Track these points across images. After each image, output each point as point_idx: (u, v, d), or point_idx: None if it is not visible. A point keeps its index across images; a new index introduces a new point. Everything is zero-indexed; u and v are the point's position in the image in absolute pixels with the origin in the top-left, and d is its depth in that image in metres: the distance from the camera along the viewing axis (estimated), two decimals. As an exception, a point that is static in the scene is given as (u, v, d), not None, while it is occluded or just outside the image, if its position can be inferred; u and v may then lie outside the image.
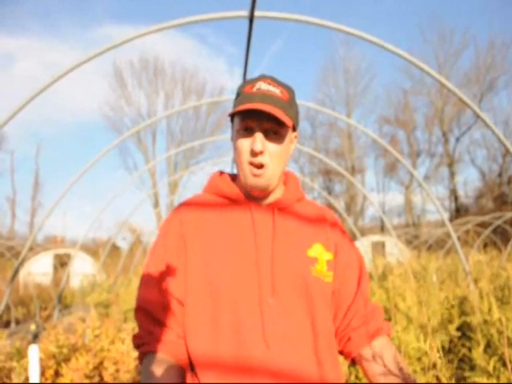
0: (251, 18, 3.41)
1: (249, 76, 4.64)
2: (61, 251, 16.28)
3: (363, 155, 32.27)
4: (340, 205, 29.28)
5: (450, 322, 4.13)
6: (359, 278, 1.32)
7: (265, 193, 1.27)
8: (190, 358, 1.17)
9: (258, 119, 1.19)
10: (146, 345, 1.19)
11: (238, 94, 1.26)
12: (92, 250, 20.31)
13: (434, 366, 2.91)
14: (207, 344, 1.14)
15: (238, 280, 1.16)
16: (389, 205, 34.35)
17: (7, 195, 31.99)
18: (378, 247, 12.72)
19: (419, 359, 2.79)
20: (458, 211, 28.14)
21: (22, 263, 5.74)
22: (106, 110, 32.29)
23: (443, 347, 3.73)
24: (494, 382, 1.80)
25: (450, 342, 3.95)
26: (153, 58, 31.76)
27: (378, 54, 37.07)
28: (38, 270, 14.75)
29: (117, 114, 30.76)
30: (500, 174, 28.01)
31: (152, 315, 1.21)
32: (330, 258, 1.26)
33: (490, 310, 3.03)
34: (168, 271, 1.22)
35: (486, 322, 3.05)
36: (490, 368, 2.08)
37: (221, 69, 44.42)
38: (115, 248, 20.95)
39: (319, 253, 1.25)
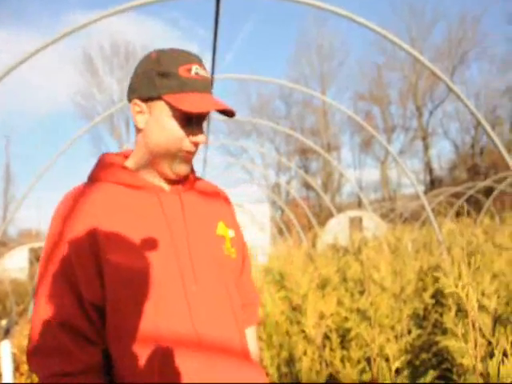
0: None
1: (218, 59, 4.54)
2: (36, 245, 15.98)
3: (339, 132, 32.44)
4: (317, 183, 29.47)
5: (424, 290, 4.20)
6: (244, 255, 1.40)
7: (181, 177, 1.25)
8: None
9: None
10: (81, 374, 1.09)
11: (168, 74, 1.14)
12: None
13: (409, 332, 2.97)
14: (138, 342, 1.10)
15: (160, 272, 1.13)
16: (365, 180, 34.79)
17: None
18: (356, 222, 12.84)
19: (392, 327, 2.83)
20: (433, 183, 28.62)
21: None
22: (77, 98, 31.54)
23: (418, 315, 3.80)
24: (462, 344, 1.82)
25: (425, 309, 4.02)
26: (124, 43, 31.07)
27: (352, 31, 36.99)
28: (14, 265, 14.47)
29: (89, 102, 30.09)
30: (472, 146, 28.53)
31: (78, 330, 1.10)
32: (232, 236, 1.31)
33: (459, 275, 3.07)
34: (78, 273, 1.10)
35: (456, 286, 3.10)
36: (459, 331, 2.11)
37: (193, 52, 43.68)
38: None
39: (224, 231, 1.29)
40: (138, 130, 1.22)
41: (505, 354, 1.59)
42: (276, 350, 3.39)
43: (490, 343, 2.04)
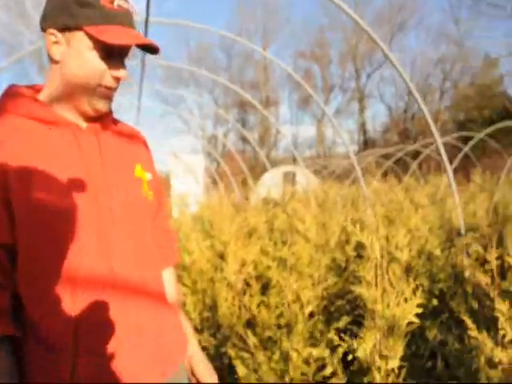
0: None
1: (156, 4, 4.28)
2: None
3: (278, 88, 32.40)
4: (254, 137, 29.51)
5: (347, 242, 4.39)
6: (160, 199, 1.38)
7: (100, 114, 1.18)
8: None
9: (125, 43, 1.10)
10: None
11: (89, 4, 1.06)
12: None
13: (326, 280, 3.11)
14: (52, 284, 1.06)
15: (76, 212, 1.08)
16: (302, 137, 35.25)
17: None
18: (289, 177, 13.10)
19: (311, 276, 2.95)
20: (366, 144, 29.57)
21: None
22: (3, 33, 29.03)
23: (339, 266, 3.98)
24: (372, 291, 1.93)
25: (347, 261, 4.22)
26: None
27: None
28: None
29: (15, 39, 27.79)
30: (405, 111, 29.62)
31: None
32: (150, 179, 1.28)
33: (377, 228, 3.24)
34: None
35: (368, 239, 3.27)
36: (370, 278, 2.25)
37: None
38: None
39: (142, 173, 1.26)
40: (53, 62, 1.13)
41: (406, 300, 1.70)
42: (199, 296, 3.45)
43: (395, 293, 2.19)
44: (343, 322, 2.73)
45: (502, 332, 1.71)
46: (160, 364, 1.18)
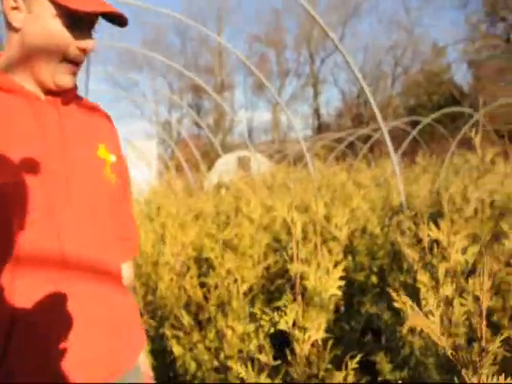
0: None
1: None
2: None
3: (233, 73, 32.21)
4: (209, 122, 29.32)
5: (293, 223, 4.45)
6: (126, 185, 1.30)
7: (63, 90, 1.10)
8: None
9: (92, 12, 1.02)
10: None
11: None
12: None
13: (266, 258, 3.16)
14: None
15: (29, 190, 1.00)
16: (257, 121, 35.29)
17: None
18: (244, 162, 13.14)
19: (251, 256, 2.98)
20: (320, 128, 29.96)
21: None
22: None
23: (282, 246, 4.04)
24: (314, 268, 1.97)
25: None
26: None
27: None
28: None
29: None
30: (358, 96, 30.12)
31: None
32: (113, 161, 1.19)
33: (317, 208, 3.30)
34: None
35: (320, 220, 3.34)
36: (308, 255, 2.30)
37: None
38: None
39: (105, 154, 1.17)
40: (12, 30, 1.03)
41: (327, 273, 1.75)
42: (144, 280, 3.43)
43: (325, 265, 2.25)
44: (284, 300, 2.78)
45: (423, 302, 1.79)
46: (112, 361, 1.10)
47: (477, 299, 1.80)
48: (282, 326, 1.49)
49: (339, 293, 1.67)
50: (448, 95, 26.78)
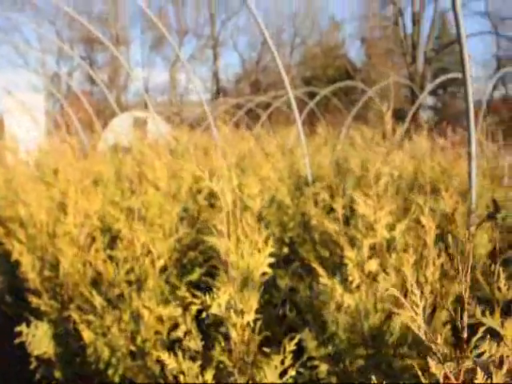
0: None
1: None
2: None
3: (129, 26, 30.38)
4: (103, 77, 27.46)
5: (199, 192, 4.29)
6: None
7: None
8: None
9: None
10: None
11: None
12: None
13: (178, 230, 2.99)
14: None
15: None
16: (153, 81, 33.92)
17: None
18: (140, 123, 12.52)
19: (162, 226, 2.80)
20: (219, 93, 29.59)
21: None
22: None
23: (192, 216, 3.88)
24: (225, 241, 1.85)
25: (199, 211, 4.14)
26: None
27: None
28: None
29: None
30: (258, 62, 30.14)
31: None
32: None
33: (229, 176, 3.18)
34: None
35: (222, 191, 3.22)
36: (223, 228, 2.19)
37: None
38: None
39: None
40: None
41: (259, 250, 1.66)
42: (39, 254, 3.09)
43: (249, 242, 2.16)
44: (197, 274, 2.66)
45: (350, 278, 1.79)
46: None
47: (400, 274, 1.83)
48: (214, 310, 1.38)
49: (270, 270, 1.59)
50: (342, 70, 27.87)
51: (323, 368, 1.82)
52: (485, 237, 3.01)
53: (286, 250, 3.06)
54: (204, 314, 1.47)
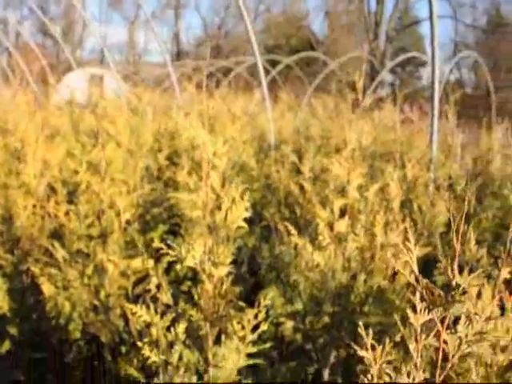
0: None
1: None
2: None
3: (86, -22, 28.75)
4: (56, 30, 26.05)
5: (160, 150, 4.19)
6: None
7: None
8: None
9: None
10: None
11: None
12: None
13: (142, 186, 2.91)
14: None
15: None
16: (111, 39, 32.57)
17: None
18: (96, 80, 12.04)
19: (125, 182, 2.71)
20: (179, 55, 28.82)
21: None
22: None
23: (152, 174, 3.79)
24: (194, 197, 1.80)
25: (159, 169, 4.04)
26: None
27: None
28: None
29: None
30: (220, 28, 29.48)
31: None
32: None
33: (194, 136, 3.12)
34: None
35: (193, 147, 3.15)
36: (192, 184, 2.14)
37: None
38: None
39: None
40: None
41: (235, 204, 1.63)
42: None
43: (218, 197, 2.12)
44: (160, 230, 2.60)
45: (320, 237, 1.79)
46: None
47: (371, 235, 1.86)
48: (189, 262, 1.34)
49: (245, 225, 1.57)
50: (305, 41, 27.70)
51: (289, 325, 1.83)
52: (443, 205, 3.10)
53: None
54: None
